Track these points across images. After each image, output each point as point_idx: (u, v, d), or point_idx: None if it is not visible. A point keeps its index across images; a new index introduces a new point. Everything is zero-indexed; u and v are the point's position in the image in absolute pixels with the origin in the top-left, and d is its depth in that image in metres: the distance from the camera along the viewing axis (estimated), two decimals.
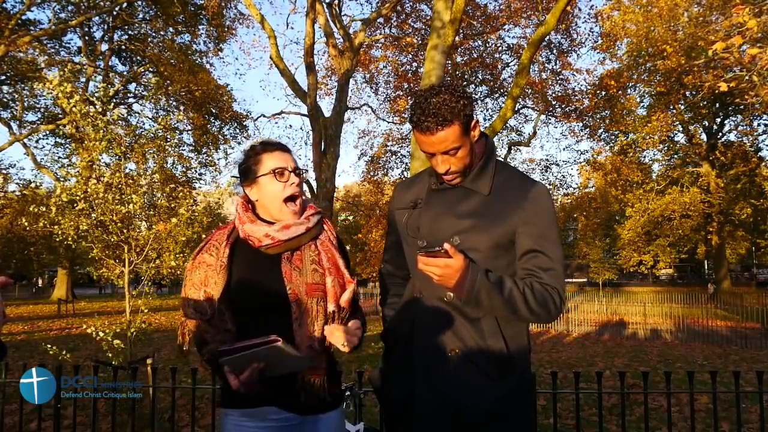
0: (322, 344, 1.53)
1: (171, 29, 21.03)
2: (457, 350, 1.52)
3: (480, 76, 22.02)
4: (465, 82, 20.98)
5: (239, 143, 24.49)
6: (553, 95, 22.30)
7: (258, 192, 1.59)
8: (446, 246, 1.38)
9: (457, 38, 14.07)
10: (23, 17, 18.41)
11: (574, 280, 41.62)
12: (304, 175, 1.63)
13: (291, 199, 1.58)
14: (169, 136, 5.22)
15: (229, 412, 1.56)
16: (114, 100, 19.18)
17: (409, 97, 20.88)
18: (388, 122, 24.58)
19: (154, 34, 21.82)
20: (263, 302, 1.52)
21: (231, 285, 1.54)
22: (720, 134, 29.35)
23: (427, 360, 1.56)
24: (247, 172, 1.60)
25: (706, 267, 44.28)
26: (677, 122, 27.86)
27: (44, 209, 4.63)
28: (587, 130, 25.28)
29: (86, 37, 21.92)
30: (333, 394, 1.60)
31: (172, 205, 5.10)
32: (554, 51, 20.82)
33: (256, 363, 1.40)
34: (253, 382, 1.43)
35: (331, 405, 1.60)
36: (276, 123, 27.20)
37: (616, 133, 26.75)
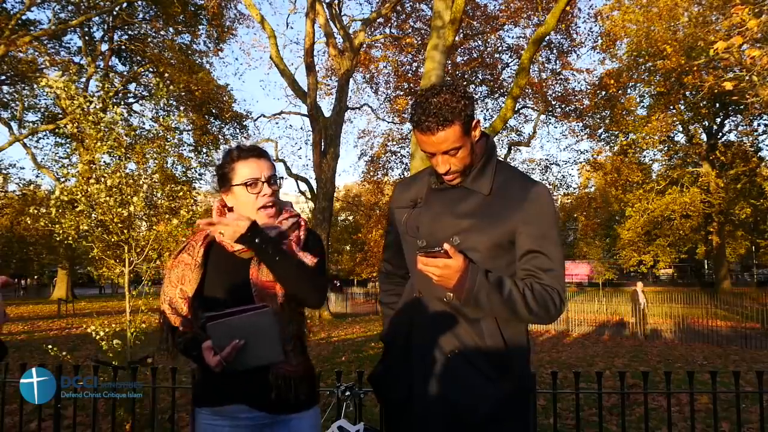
0: (288, 341, 1.56)
1: (171, 29, 21.03)
2: (456, 351, 1.52)
3: (480, 76, 22.03)
4: (465, 82, 20.97)
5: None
6: (553, 95, 22.32)
7: (233, 200, 1.61)
8: (446, 246, 1.38)
9: (457, 38, 14.06)
10: (23, 17, 18.41)
11: (573, 280, 41.59)
12: (280, 182, 1.62)
13: (265, 207, 1.59)
14: (169, 136, 5.22)
15: (202, 410, 1.58)
16: (114, 100, 19.18)
17: (409, 97, 20.88)
18: (388, 122, 24.61)
19: (154, 34, 21.82)
20: (230, 302, 1.52)
21: (204, 285, 1.59)
22: (720, 134, 29.34)
23: (426, 360, 1.55)
24: (223, 179, 1.61)
25: (706, 267, 44.30)
26: (677, 122, 27.84)
27: (44, 210, 4.63)
28: (587, 130, 25.29)
29: (86, 37, 21.91)
30: (306, 394, 1.61)
31: (173, 206, 5.10)
32: (554, 51, 20.85)
33: (237, 339, 1.40)
34: (231, 362, 1.44)
35: (303, 405, 1.60)
36: (276, 123, 27.23)
37: (616, 133, 26.73)
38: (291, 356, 1.56)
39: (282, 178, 1.66)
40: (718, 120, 29.00)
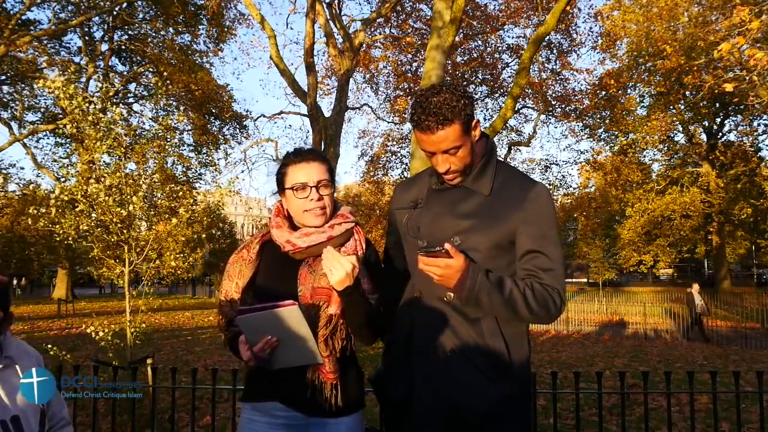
0: (328, 347, 1.53)
1: (171, 29, 21.01)
2: (456, 350, 1.52)
3: (480, 76, 22.01)
4: (465, 82, 20.96)
5: (239, 143, 24.46)
6: (553, 95, 22.30)
7: (286, 202, 1.65)
8: (447, 246, 1.38)
9: (457, 38, 14.06)
10: (23, 17, 18.40)
11: (573, 279, 41.56)
12: (329, 186, 1.61)
13: (311, 210, 1.59)
14: (169, 136, 5.22)
15: (244, 405, 1.64)
16: (114, 100, 19.21)
17: (409, 97, 20.87)
18: (388, 122, 24.57)
19: (154, 34, 21.81)
20: (273, 300, 1.52)
21: (256, 281, 1.65)
22: (720, 134, 29.32)
23: (426, 360, 1.55)
24: (278, 183, 1.67)
25: (706, 267, 44.29)
26: (677, 122, 27.82)
27: (44, 210, 4.63)
28: (587, 130, 25.27)
29: (86, 37, 21.89)
30: (346, 399, 1.57)
31: (173, 205, 5.11)
32: (554, 51, 20.82)
33: (269, 335, 1.43)
34: (265, 358, 1.47)
35: (342, 411, 1.56)
36: (276, 123, 27.18)
37: (616, 133, 26.72)
38: (328, 360, 1.53)
39: (335, 181, 1.66)
40: (718, 120, 28.98)
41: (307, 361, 1.51)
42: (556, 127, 43.61)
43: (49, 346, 4.38)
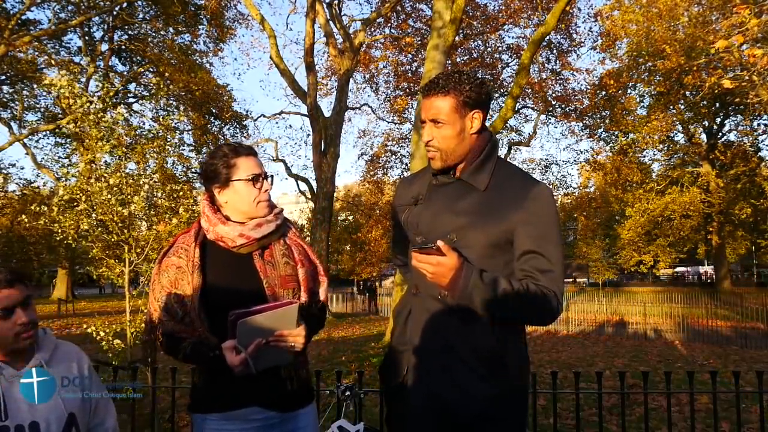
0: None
1: (171, 29, 21.01)
2: (448, 349, 1.51)
3: (480, 76, 22.02)
4: None
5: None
6: (553, 95, 22.31)
7: (230, 195, 1.58)
8: (439, 243, 1.37)
9: (457, 38, 14.06)
10: (23, 17, 18.38)
11: (579, 280, 41.55)
12: (270, 179, 1.64)
13: (264, 201, 1.61)
14: (169, 136, 5.22)
15: (209, 416, 1.54)
16: (114, 100, 19.19)
17: (409, 97, 20.89)
18: (388, 122, 24.61)
19: (154, 34, 21.80)
20: (241, 299, 1.51)
21: (206, 286, 1.53)
22: (720, 134, 29.31)
23: (419, 358, 1.56)
24: (218, 175, 1.58)
25: (706, 266, 44.26)
26: (677, 122, 27.81)
27: (45, 209, 4.64)
28: (587, 130, 25.28)
29: (86, 37, 21.88)
30: (310, 386, 1.70)
31: (173, 205, 5.10)
32: (554, 51, 20.84)
33: (260, 337, 1.41)
34: (252, 362, 1.45)
35: (307, 399, 1.67)
36: (276, 123, 27.19)
37: (616, 133, 26.72)
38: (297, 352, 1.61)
39: (272, 176, 1.68)
40: (718, 120, 28.98)
41: (281, 361, 1.51)
42: (556, 127, 43.74)
43: None
